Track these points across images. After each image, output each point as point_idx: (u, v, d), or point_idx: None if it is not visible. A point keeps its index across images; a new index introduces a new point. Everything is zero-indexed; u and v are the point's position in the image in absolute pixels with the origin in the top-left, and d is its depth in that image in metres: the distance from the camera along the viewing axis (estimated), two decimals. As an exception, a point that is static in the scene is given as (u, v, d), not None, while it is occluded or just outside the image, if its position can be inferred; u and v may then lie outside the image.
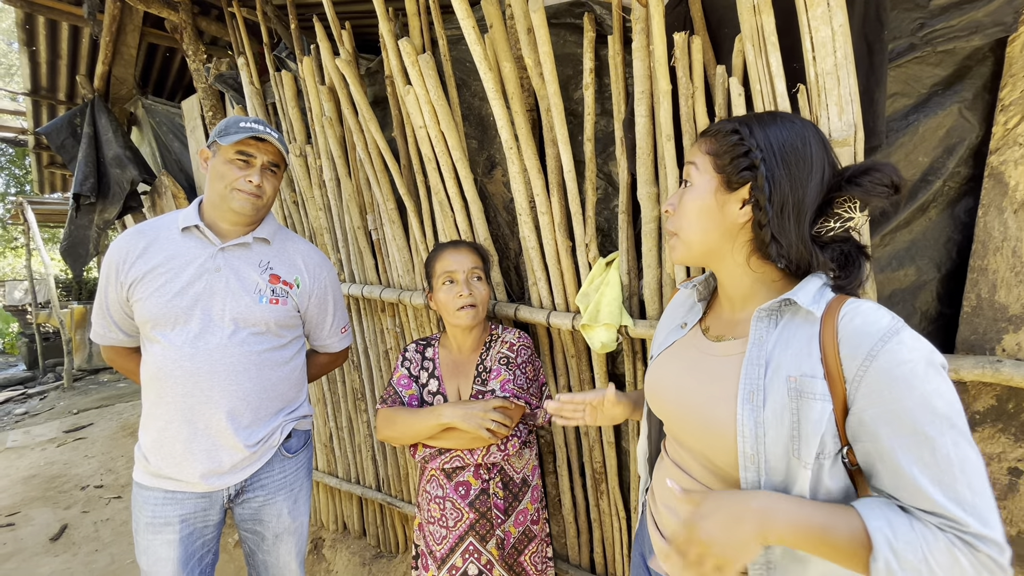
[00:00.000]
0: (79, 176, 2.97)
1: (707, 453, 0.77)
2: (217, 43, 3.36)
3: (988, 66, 1.02)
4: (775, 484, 0.68)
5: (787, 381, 0.67)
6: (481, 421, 1.23)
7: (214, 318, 1.24)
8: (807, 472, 0.65)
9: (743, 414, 0.69)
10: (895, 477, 0.62)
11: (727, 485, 0.76)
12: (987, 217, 1.01)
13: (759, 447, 0.68)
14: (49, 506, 3.37)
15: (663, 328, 0.96)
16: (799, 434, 0.66)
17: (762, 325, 0.73)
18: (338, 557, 2.39)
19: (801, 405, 0.66)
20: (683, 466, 0.84)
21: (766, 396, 0.68)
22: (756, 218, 0.72)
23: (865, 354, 0.63)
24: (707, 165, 0.77)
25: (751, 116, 0.76)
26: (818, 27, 0.98)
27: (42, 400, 6.50)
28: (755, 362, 0.71)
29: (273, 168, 1.31)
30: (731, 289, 0.81)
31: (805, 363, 0.67)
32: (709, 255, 0.79)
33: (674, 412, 0.82)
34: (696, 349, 0.84)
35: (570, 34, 1.46)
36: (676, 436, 0.86)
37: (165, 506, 1.25)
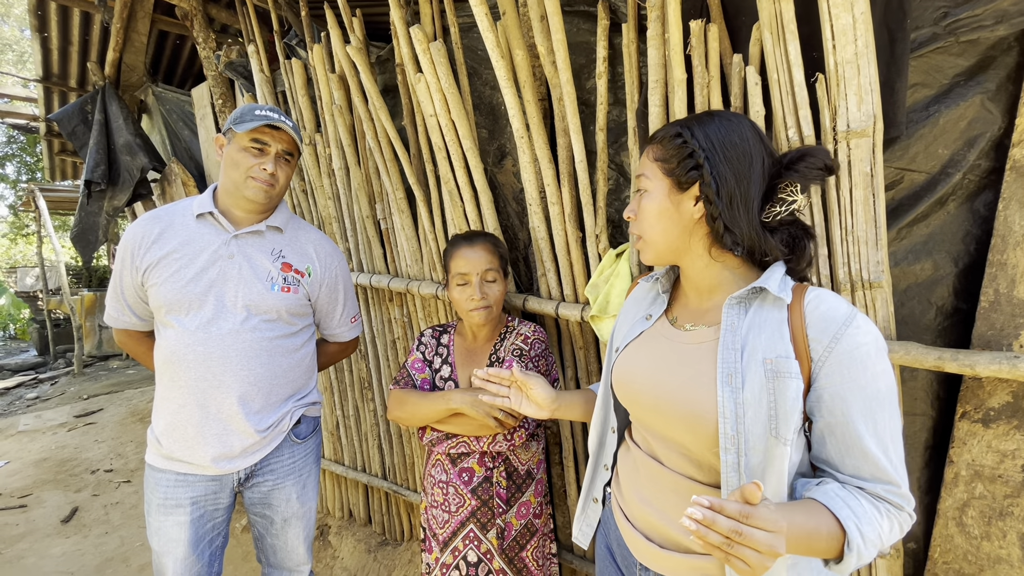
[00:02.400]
0: (90, 163, 2.98)
1: (683, 440, 0.79)
2: (227, 31, 3.35)
3: (1013, 56, 1.00)
4: (753, 465, 0.72)
5: (763, 363, 0.72)
6: (489, 409, 1.23)
7: (227, 304, 1.25)
8: (787, 448, 0.71)
9: (723, 396, 0.72)
10: (845, 446, 0.71)
11: (703, 471, 0.79)
12: (1008, 211, 0.99)
13: (740, 427, 0.71)
14: (60, 489, 3.42)
15: (625, 321, 0.98)
16: (776, 413, 0.71)
17: (733, 312, 0.78)
18: (344, 544, 2.42)
19: (777, 385, 0.71)
20: (656, 456, 0.85)
21: (744, 378, 0.72)
22: (709, 212, 0.78)
23: (831, 337, 0.71)
24: (656, 172, 0.82)
25: (691, 118, 0.82)
26: (839, 14, 0.96)
27: (53, 385, 6.59)
28: (730, 347, 0.75)
29: (287, 157, 1.31)
30: (697, 280, 0.85)
31: (779, 345, 0.73)
32: (673, 252, 0.84)
33: (648, 400, 0.84)
34: (665, 339, 0.87)
35: (584, 22, 1.44)
36: (648, 425, 0.86)
37: (177, 488, 1.27)
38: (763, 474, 0.72)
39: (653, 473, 0.85)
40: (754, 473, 0.72)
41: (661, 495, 0.83)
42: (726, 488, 0.73)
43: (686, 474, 0.80)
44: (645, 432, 0.88)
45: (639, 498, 0.86)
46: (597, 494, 1.03)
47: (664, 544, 0.82)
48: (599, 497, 1.02)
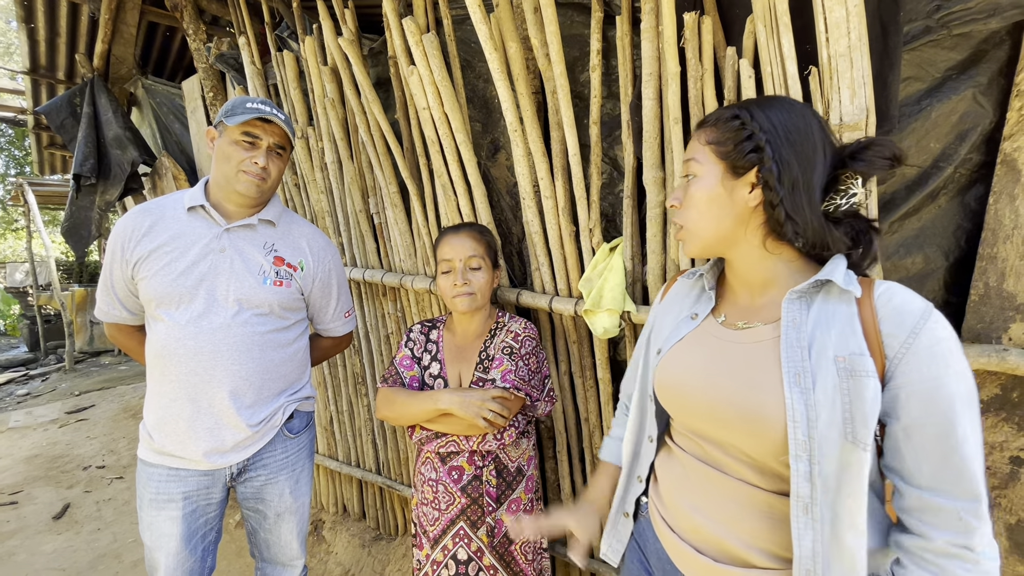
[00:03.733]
0: (79, 156, 2.94)
1: (743, 446, 0.73)
2: (218, 22, 3.31)
3: (1004, 50, 1.00)
4: (827, 473, 0.65)
5: (835, 361, 0.66)
6: (478, 410, 1.22)
7: (218, 298, 1.24)
8: (866, 455, 0.64)
9: (792, 397, 0.67)
10: (923, 451, 0.64)
11: (765, 478, 0.72)
12: (998, 205, 1.00)
13: (812, 432, 0.65)
14: (52, 485, 3.40)
15: (667, 320, 0.91)
16: (853, 415, 0.64)
17: (794, 307, 0.72)
18: (338, 539, 2.42)
19: (853, 385, 0.65)
20: (711, 461, 0.79)
21: (815, 378, 0.67)
22: (767, 199, 0.73)
23: (908, 331, 0.65)
24: (709, 155, 0.77)
25: (749, 102, 0.77)
26: (832, 7, 0.96)
27: (44, 382, 6.54)
28: (795, 344, 0.70)
29: (279, 150, 1.30)
30: (748, 274, 0.80)
31: (851, 341, 0.67)
32: (722, 243, 0.79)
33: (701, 405, 0.78)
34: (717, 338, 0.81)
35: (577, 14, 1.43)
36: (701, 431, 0.80)
37: (169, 483, 1.26)
38: (839, 484, 0.65)
39: (707, 480, 0.78)
40: (828, 482, 0.65)
41: (717, 504, 0.77)
42: (796, 500, 0.66)
43: (748, 480, 0.74)
44: (696, 438, 0.82)
45: (689, 507, 0.80)
46: (629, 508, 0.95)
47: (719, 558, 0.76)
48: (631, 511, 0.95)
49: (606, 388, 1.53)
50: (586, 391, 1.59)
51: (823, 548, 0.66)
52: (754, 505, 0.73)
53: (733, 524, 0.74)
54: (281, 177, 1.33)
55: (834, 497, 0.65)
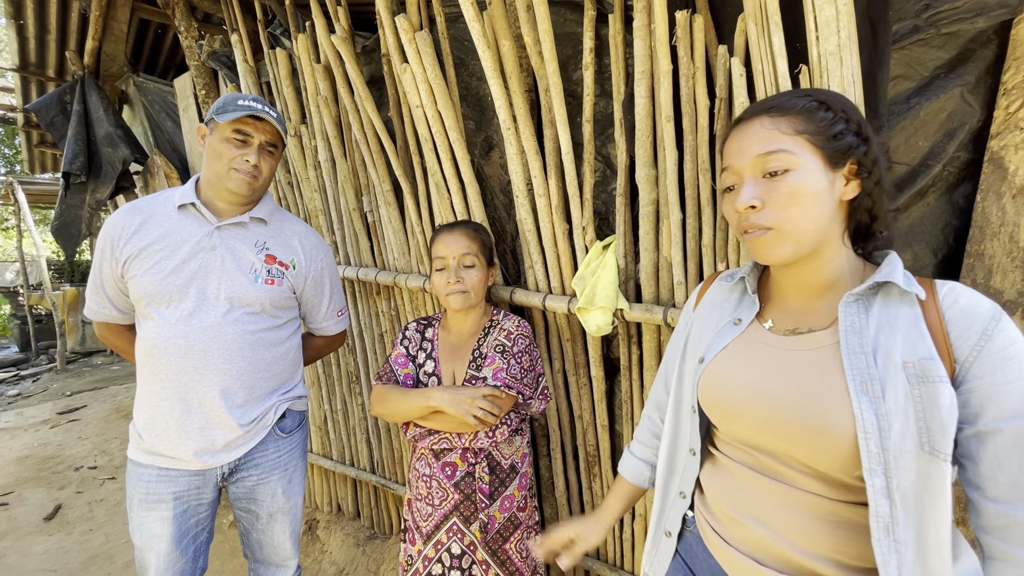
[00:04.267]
0: (68, 154, 2.92)
1: (806, 458, 0.68)
2: (210, 20, 3.28)
3: (992, 49, 1.01)
4: (905, 488, 0.61)
5: (904, 367, 0.63)
6: (468, 408, 1.23)
7: (209, 297, 1.24)
8: (946, 466, 0.60)
9: (861, 407, 0.62)
10: (999, 459, 0.61)
11: (831, 488, 0.68)
12: (985, 202, 1.01)
13: (885, 443, 0.61)
14: (43, 486, 3.37)
15: (708, 327, 0.86)
16: (927, 424, 0.61)
17: (852, 311, 0.69)
18: (332, 538, 2.41)
19: (926, 391, 0.61)
20: (767, 472, 0.75)
21: (884, 385, 0.63)
22: (866, 190, 0.71)
23: (979, 334, 0.63)
24: (803, 146, 0.69)
25: (816, 91, 0.73)
26: (822, 6, 0.97)
27: (35, 382, 6.48)
28: (858, 350, 0.66)
29: (271, 148, 1.29)
30: (815, 276, 0.74)
31: (920, 346, 0.64)
32: (816, 243, 0.71)
33: (757, 417, 0.73)
34: (767, 345, 0.76)
35: (570, 12, 1.43)
36: (754, 442, 0.75)
37: (159, 483, 1.25)
38: (919, 500, 0.61)
39: (764, 490, 0.74)
40: (908, 498, 0.61)
41: (776, 513, 0.72)
42: (876, 520, 0.62)
43: (809, 490, 0.70)
44: (748, 449, 0.77)
45: (745, 518, 0.75)
46: (672, 527, 0.88)
47: (782, 568, 0.72)
48: (674, 530, 0.88)
49: (599, 386, 1.53)
50: (580, 389, 1.59)
51: (909, 573, 0.61)
52: (817, 514, 0.69)
53: (795, 534, 0.70)
54: (273, 175, 1.33)
55: (915, 515, 0.61)
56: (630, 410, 1.51)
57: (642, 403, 1.47)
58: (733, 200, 0.74)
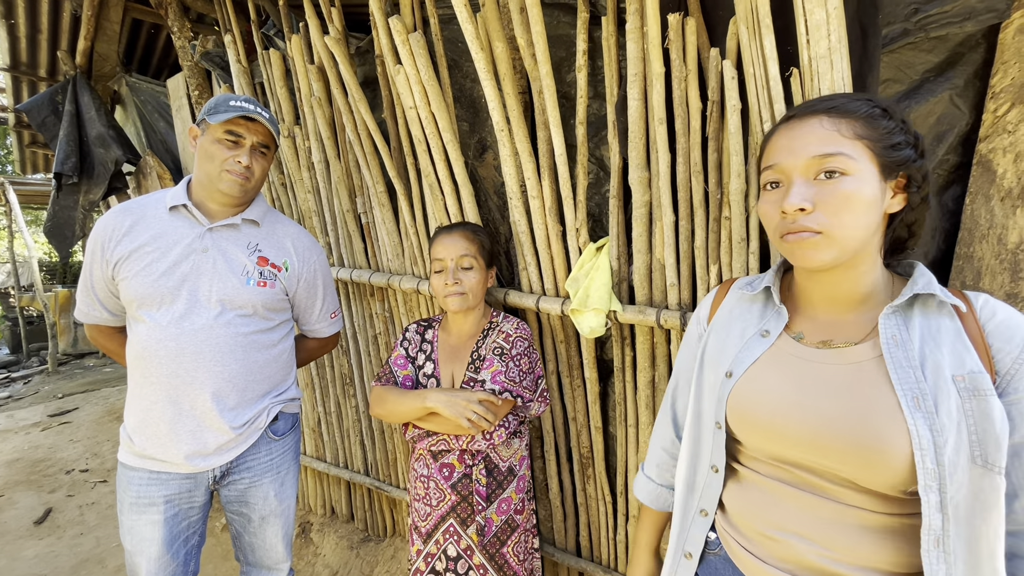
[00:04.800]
0: (60, 155, 2.89)
1: (852, 475, 0.67)
2: (203, 20, 3.27)
3: (980, 53, 1.02)
4: (958, 502, 0.61)
5: (954, 381, 0.63)
6: (463, 410, 1.23)
7: (200, 299, 1.23)
8: (1000, 479, 0.60)
9: (915, 423, 0.61)
10: None
11: (876, 501, 0.67)
12: (974, 205, 1.02)
13: (940, 459, 0.60)
14: (33, 490, 3.34)
15: (730, 340, 0.83)
16: (980, 438, 0.61)
17: (891, 323, 0.68)
18: (326, 541, 2.40)
19: (978, 405, 0.62)
20: (805, 487, 0.72)
21: (936, 400, 0.62)
22: (912, 204, 0.71)
23: (1020, 347, 0.63)
24: (863, 152, 0.67)
25: (877, 98, 0.72)
26: (813, 9, 0.97)
27: (26, 384, 6.42)
28: (905, 364, 0.65)
29: (263, 149, 1.28)
30: (852, 287, 0.73)
31: (967, 359, 0.64)
32: (858, 251, 0.70)
33: (798, 434, 0.70)
34: (800, 359, 0.74)
35: (564, 15, 1.43)
36: (793, 459, 0.73)
37: (150, 486, 1.24)
38: (971, 512, 0.61)
39: (802, 504, 0.72)
40: (959, 512, 0.61)
41: (816, 528, 0.70)
42: (928, 533, 0.61)
43: (853, 504, 0.68)
44: (784, 465, 0.74)
45: (782, 534, 0.73)
46: (693, 548, 0.84)
47: None
48: (695, 551, 0.84)
49: (593, 388, 1.54)
50: (574, 391, 1.60)
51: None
52: (866, 528, 0.68)
53: (840, 547, 0.68)
54: (265, 176, 1.32)
55: (967, 528, 0.61)
56: (623, 412, 1.51)
57: (636, 405, 1.47)
58: (779, 200, 0.70)
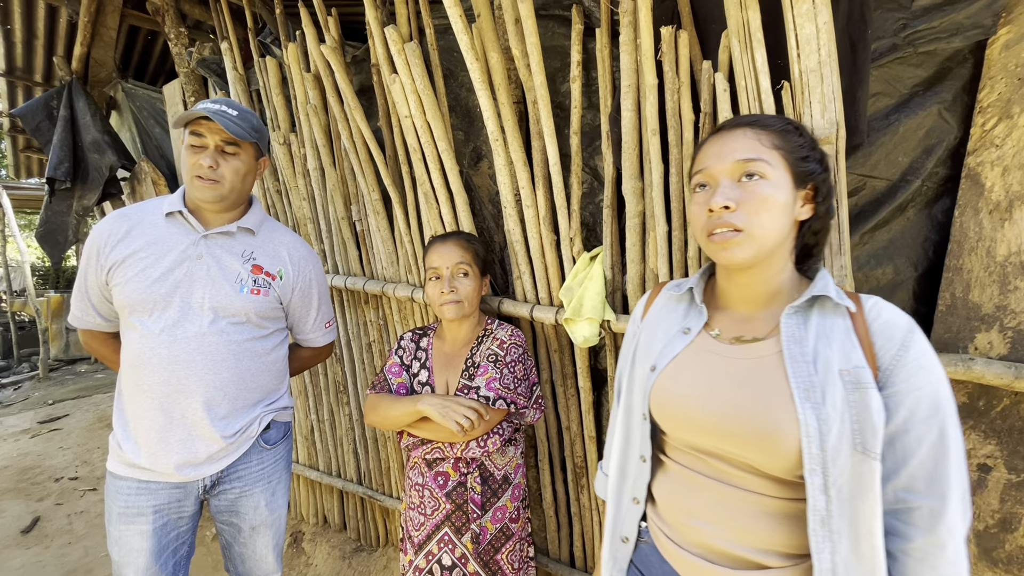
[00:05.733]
0: (53, 160, 2.88)
1: (755, 461, 0.73)
2: (200, 27, 3.28)
3: (968, 68, 1.04)
4: (841, 485, 0.67)
5: (841, 375, 0.69)
6: (452, 414, 1.23)
7: (193, 306, 1.22)
8: (877, 464, 0.66)
9: (804, 412, 0.68)
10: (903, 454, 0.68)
11: (776, 487, 0.73)
12: (963, 217, 1.03)
13: (824, 446, 0.66)
14: (21, 498, 3.29)
15: (657, 336, 0.89)
16: (860, 427, 0.67)
17: (792, 322, 0.75)
18: (318, 551, 2.37)
19: (859, 397, 0.67)
20: (718, 477, 0.78)
21: (824, 392, 0.68)
22: (818, 213, 0.79)
23: (899, 345, 0.70)
24: (778, 160, 0.75)
25: (790, 120, 0.81)
26: (803, 24, 0.99)
27: (16, 390, 6.35)
28: (799, 359, 0.71)
29: (228, 149, 1.22)
30: (763, 287, 0.80)
31: (853, 355, 0.70)
32: (771, 252, 0.77)
33: (710, 424, 0.77)
34: (716, 354, 0.80)
35: (558, 26, 1.45)
36: (705, 447, 0.79)
37: (138, 496, 1.23)
38: (852, 495, 0.67)
39: (715, 494, 0.78)
40: (843, 494, 0.67)
41: (727, 516, 0.77)
42: (813, 514, 0.68)
43: (757, 491, 0.75)
44: (699, 454, 0.81)
45: (698, 523, 0.79)
46: (628, 532, 0.90)
47: (735, 566, 0.76)
48: (631, 535, 0.90)
49: (587, 396, 1.53)
50: (567, 399, 1.59)
51: (843, 561, 0.67)
52: (765, 513, 0.74)
53: (746, 533, 0.75)
54: (245, 177, 1.26)
55: (849, 508, 0.67)
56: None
57: (629, 414, 1.47)
58: (706, 200, 0.77)
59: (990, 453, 1.04)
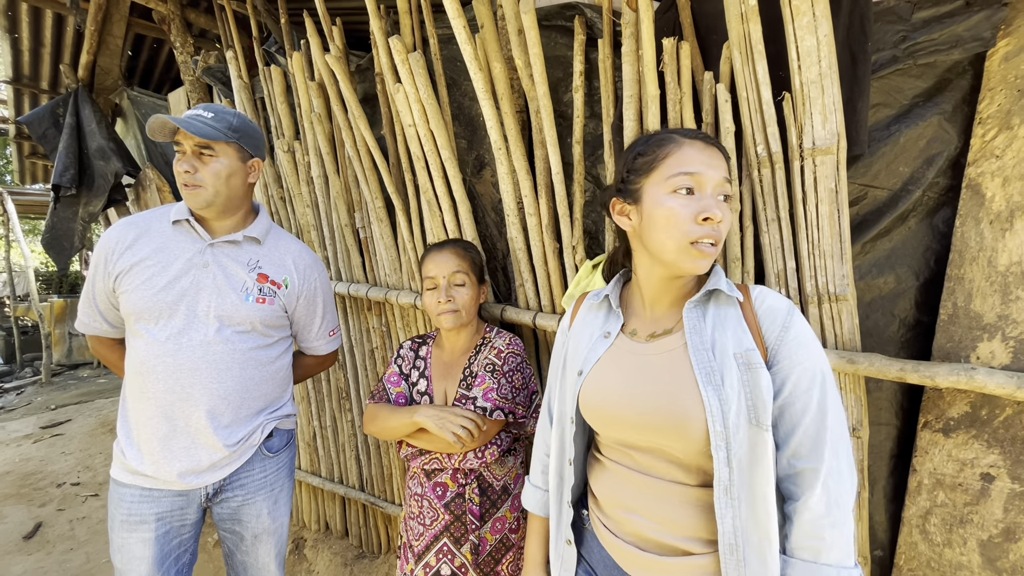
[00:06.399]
0: (59, 167, 2.91)
1: (671, 449, 0.80)
2: (206, 35, 3.31)
3: (967, 79, 1.04)
4: (740, 456, 0.74)
5: (735, 358, 0.77)
6: (449, 425, 1.22)
7: (199, 314, 1.23)
8: (768, 435, 0.74)
9: (707, 395, 0.75)
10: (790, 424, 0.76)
11: (691, 474, 0.80)
12: (964, 227, 1.03)
13: (727, 422, 0.74)
14: (23, 504, 3.29)
15: (582, 342, 0.95)
16: (754, 402, 0.75)
17: (693, 315, 0.83)
18: (320, 557, 2.37)
19: (751, 376, 0.75)
20: (642, 469, 0.85)
21: (723, 374, 0.76)
22: None
23: (781, 326, 0.78)
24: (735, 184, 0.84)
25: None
26: (804, 36, 1.00)
27: (19, 395, 6.36)
28: (700, 347, 0.79)
29: (204, 151, 1.20)
30: (686, 289, 0.87)
31: (744, 339, 0.78)
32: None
33: (630, 418, 0.83)
34: (632, 353, 0.87)
35: (561, 36, 1.46)
36: (631, 442, 0.85)
37: (141, 503, 1.23)
38: (750, 464, 0.74)
39: (641, 486, 0.84)
40: (743, 463, 0.74)
41: (653, 505, 0.83)
42: (718, 484, 0.74)
43: (677, 480, 0.81)
44: (625, 449, 0.87)
45: (628, 513, 0.85)
46: (568, 535, 0.96)
47: (661, 552, 0.82)
48: (571, 537, 0.96)
49: (589, 404, 1.53)
50: (570, 407, 1.59)
51: (742, 524, 0.74)
52: (685, 501, 0.80)
53: (669, 522, 0.81)
54: (228, 180, 1.24)
55: (748, 476, 0.74)
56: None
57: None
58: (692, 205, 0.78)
59: (993, 463, 1.04)
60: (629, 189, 0.85)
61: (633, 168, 0.85)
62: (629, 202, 0.86)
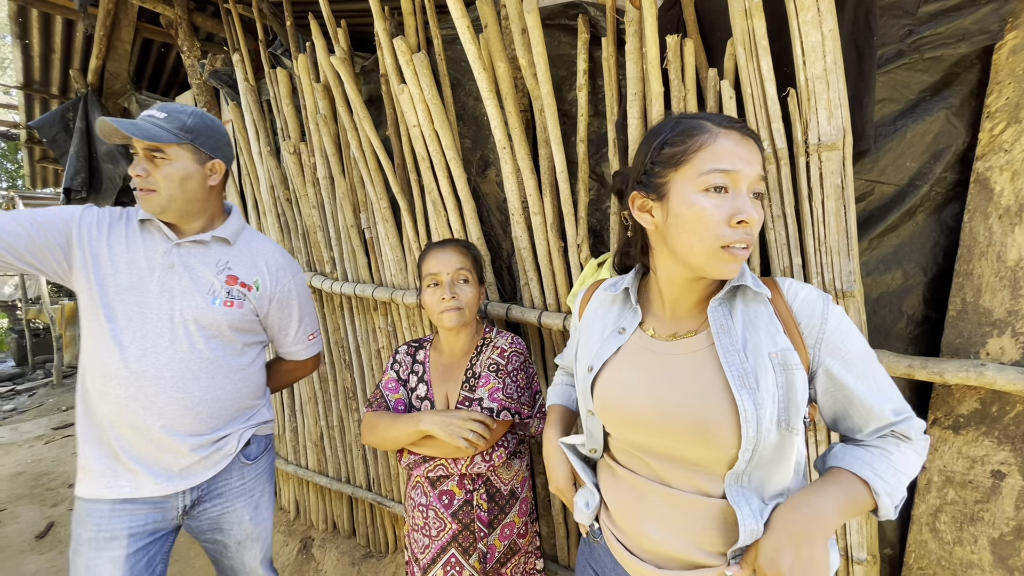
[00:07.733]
0: (70, 170, 2.95)
1: (695, 456, 0.75)
2: (212, 39, 3.34)
3: (975, 73, 1.03)
4: (762, 454, 0.71)
5: (770, 358, 0.72)
6: (459, 430, 1.18)
7: (163, 317, 1.17)
8: (798, 439, 0.72)
9: (742, 399, 0.69)
10: (862, 410, 0.74)
11: (714, 483, 0.75)
12: (972, 222, 1.02)
13: (760, 427, 0.69)
14: (36, 504, 3.33)
15: (592, 336, 0.89)
16: (787, 406, 0.71)
17: (718, 313, 0.77)
18: (327, 557, 2.38)
19: (787, 377, 0.71)
20: (660, 479, 0.80)
21: (757, 377, 0.71)
22: None
23: (820, 320, 0.74)
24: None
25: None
26: (808, 32, 0.99)
27: (31, 397, 6.44)
28: (730, 348, 0.73)
29: (154, 154, 1.14)
30: (708, 289, 0.81)
31: (778, 338, 0.73)
32: None
33: (652, 421, 0.77)
34: (652, 352, 0.81)
35: (564, 35, 1.46)
36: (647, 446, 0.80)
37: (112, 518, 1.15)
38: (770, 462, 0.73)
39: (660, 499, 0.79)
40: (762, 461, 0.72)
41: (672, 520, 0.78)
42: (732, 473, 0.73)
43: (697, 491, 0.76)
44: (641, 454, 0.81)
45: (647, 529, 0.80)
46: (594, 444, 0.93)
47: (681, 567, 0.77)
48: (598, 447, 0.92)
49: (595, 403, 1.53)
50: (576, 406, 1.59)
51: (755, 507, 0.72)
52: (707, 515, 0.76)
53: (690, 536, 0.76)
54: (183, 183, 1.18)
55: (765, 473, 0.73)
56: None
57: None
58: (726, 205, 0.70)
59: (1004, 459, 1.03)
60: (654, 183, 0.75)
61: (658, 159, 0.74)
62: (653, 197, 0.76)
